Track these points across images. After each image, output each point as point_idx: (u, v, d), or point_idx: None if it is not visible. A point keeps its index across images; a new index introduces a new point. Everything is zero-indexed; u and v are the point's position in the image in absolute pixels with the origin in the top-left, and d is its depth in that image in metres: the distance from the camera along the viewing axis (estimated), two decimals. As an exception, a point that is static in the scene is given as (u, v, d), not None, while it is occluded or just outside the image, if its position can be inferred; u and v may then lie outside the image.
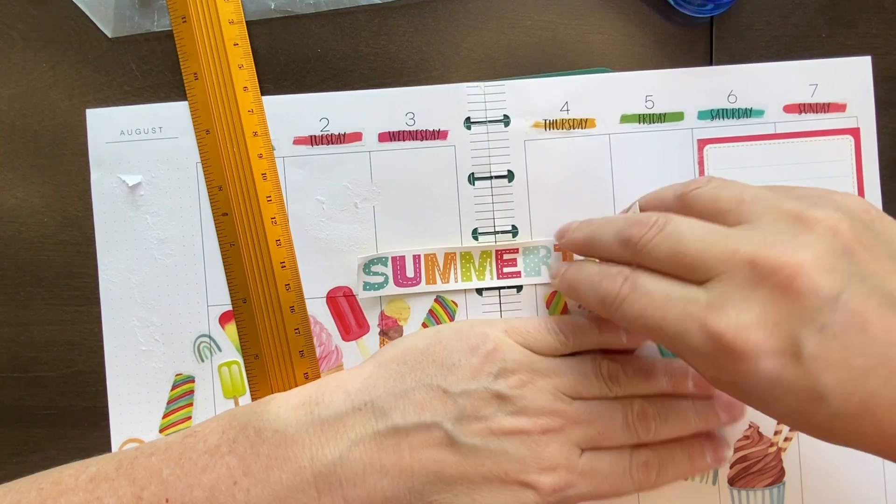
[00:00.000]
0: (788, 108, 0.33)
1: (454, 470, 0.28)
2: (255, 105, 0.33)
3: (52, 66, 0.34)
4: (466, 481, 0.28)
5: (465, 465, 0.28)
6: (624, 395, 0.30)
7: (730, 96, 0.33)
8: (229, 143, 0.33)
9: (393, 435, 0.28)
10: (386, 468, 0.28)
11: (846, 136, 0.34)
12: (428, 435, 0.28)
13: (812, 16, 0.34)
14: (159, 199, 0.34)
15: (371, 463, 0.28)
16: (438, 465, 0.28)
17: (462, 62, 0.34)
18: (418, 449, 0.28)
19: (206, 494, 0.27)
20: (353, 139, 0.33)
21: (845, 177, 0.34)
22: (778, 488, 0.33)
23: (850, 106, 0.33)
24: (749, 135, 0.33)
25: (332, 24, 0.34)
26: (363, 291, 0.33)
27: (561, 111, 0.33)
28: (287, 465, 0.27)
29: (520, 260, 0.32)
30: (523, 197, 0.33)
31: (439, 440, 0.28)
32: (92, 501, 0.26)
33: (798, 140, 0.33)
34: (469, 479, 0.28)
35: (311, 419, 0.28)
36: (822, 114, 0.33)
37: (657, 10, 0.34)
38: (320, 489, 0.27)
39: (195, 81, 0.33)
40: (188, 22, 0.33)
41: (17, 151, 0.34)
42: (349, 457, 0.28)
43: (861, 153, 0.34)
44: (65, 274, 0.34)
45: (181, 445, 0.28)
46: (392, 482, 0.28)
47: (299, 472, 0.27)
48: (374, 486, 0.27)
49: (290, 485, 0.27)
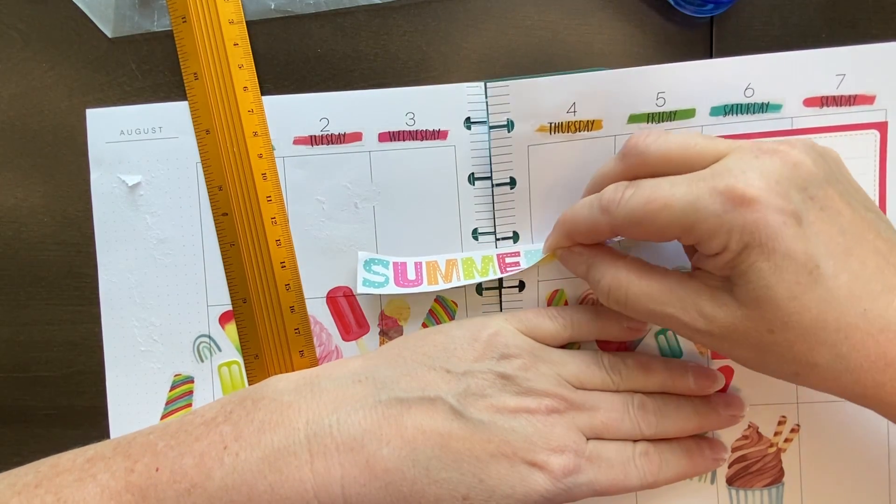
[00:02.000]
0: (809, 101, 0.31)
1: (461, 444, 0.27)
2: (255, 105, 0.33)
3: (52, 66, 0.34)
4: (473, 458, 0.27)
5: (473, 440, 0.27)
6: (625, 389, 0.30)
7: (747, 90, 0.31)
8: (229, 143, 0.33)
9: (395, 405, 0.27)
10: (387, 437, 0.27)
11: (871, 130, 0.32)
12: (432, 407, 0.27)
13: (812, 16, 0.34)
14: (159, 199, 0.34)
15: (371, 429, 0.27)
16: (444, 437, 0.27)
17: (462, 62, 0.34)
18: (422, 419, 0.27)
19: (196, 461, 0.26)
20: (353, 139, 0.33)
21: (866, 175, 0.32)
22: (777, 488, 0.33)
23: (879, 97, 0.31)
24: (764, 131, 0.32)
25: (332, 24, 0.34)
26: (362, 287, 0.32)
27: (568, 112, 0.32)
28: (280, 428, 0.27)
29: (522, 261, 0.32)
30: (525, 203, 0.33)
31: (444, 412, 0.27)
32: (86, 478, 0.26)
33: (816, 136, 0.31)
34: (476, 456, 0.27)
35: (309, 388, 0.28)
36: (846, 107, 0.31)
37: (657, 10, 0.34)
38: (314, 452, 0.26)
39: (195, 81, 0.33)
40: (188, 22, 0.33)
41: (17, 151, 0.34)
42: (347, 420, 0.27)
43: (887, 149, 0.32)
44: (65, 274, 0.34)
45: (179, 422, 0.28)
46: (393, 452, 0.26)
47: (292, 434, 0.26)
48: (374, 453, 0.26)
49: (282, 447, 0.26)
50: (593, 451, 0.28)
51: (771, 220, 0.23)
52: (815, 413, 0.33)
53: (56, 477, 0.26)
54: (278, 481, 0.26)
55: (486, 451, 0.27)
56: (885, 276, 0.23)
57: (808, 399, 0.33)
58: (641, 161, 0.26)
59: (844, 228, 0.24)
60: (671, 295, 0.26)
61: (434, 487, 0.26)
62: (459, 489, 0.26)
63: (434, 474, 0.26)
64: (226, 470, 0.26)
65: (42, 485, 0.26)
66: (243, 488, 0.26)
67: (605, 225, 0.27)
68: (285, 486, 0.26)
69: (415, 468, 0.26)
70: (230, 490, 0.26)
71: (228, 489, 0.26)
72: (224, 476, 0.26)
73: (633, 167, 0.27)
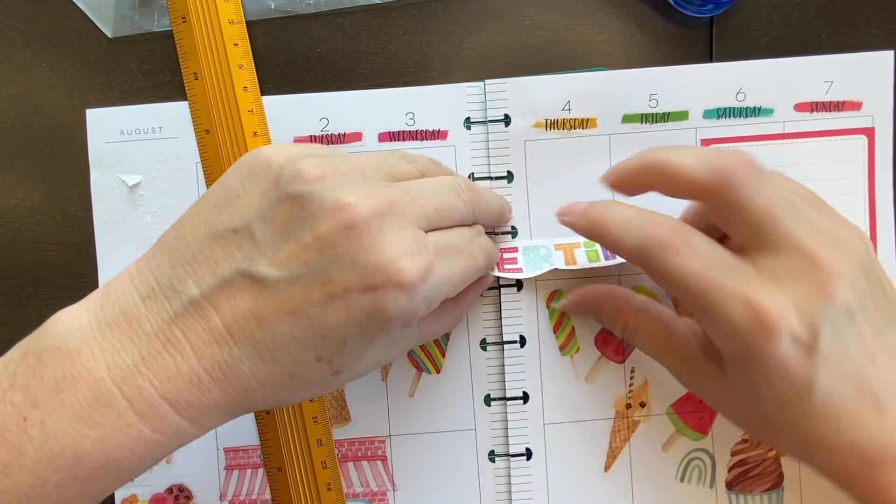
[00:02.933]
0: (799, 106, 0.33)
1: (280, 313, 0.22)
2: (255, 105, 0.33)
3: (52, 66, 0.34)
4: (304, 319, 0.23)
5: (291, 302, 0.22)
6: None
7: (738, 94, 0.33)
8: (229, 143, 0.33)
9: (193, 309, 0.23)
10: (200, 350, 0.23)
11: (859, 135, 0.33)
12: (232, 289, 0.23)
13: (812, 16, 0.34)
14: (159, 199, 0.34)
15: (179, 351, 0.23)
16: (259, 317, 0.22)
17: (462, 62, 0.34)
18: (228, 310, 0.23)
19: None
20: (353, 139, 0.33)
21: (856, 178, 0.33)
22: (777, 493, 0.33)
23: (866, 104, 0.33)
24: (756, 135, 0.33)
25: (332, 24, 0.34)
26: None
27: (563, 110, 0.33)
28: (79, 382, 0.22)
29: (520, 258, 0.32)
30: (523, 197, 0.33)
31: (247, 287, 0.23)
32: None
33: (807, 140, 0.33)
34: (306, 316, 0.23)
35: (95, 325, 0.23)
36: (835, 112, 0.33)
37: (657, 10, 0.34)
38: (130, 396, 0.22)
39: (195, 81, 0.33)
40: (188, 22, 0.33)
41: (17, 151, 0.34)
42: (150, 351, 0.23)
43: (875, 153, 0.33)
44: (65, 274, 0.34)
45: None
46: (215, 362, 0.23)
47: (97, 386, 0.22)
48: (196, 373, 0.23)
49: (91, 401, 0.22)
50: (437, 242, 0.25)
51: (782, 350, 0.23)
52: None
53: None
54: (105, 434, 0.22)
55: (313, 304, 0.22)
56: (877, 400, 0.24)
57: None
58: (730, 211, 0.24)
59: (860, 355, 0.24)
60: (669, 351, 0.28)
61: (280, 370, 0.23)
62: (307, 356, 0.23)
63: (271, 359, 0.23)
64: (37, 442, 0.22)
65: None
66: (67, 452, 0.22)
67: (632, 253, 0.25)
68: (115, 436, 0.22)
69: (249, 363, 0.23)
70: (53, 458, 0.22)
71: (50, 459, 0.22)
72: (38, 448, 0.22)
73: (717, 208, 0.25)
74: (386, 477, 0.33)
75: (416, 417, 0.33)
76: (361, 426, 0.33)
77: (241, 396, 0.23)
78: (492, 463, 0.33)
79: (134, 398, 0.22)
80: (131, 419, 0.22)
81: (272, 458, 0.33)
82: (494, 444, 0.33)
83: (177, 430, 0.23)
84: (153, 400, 0.22)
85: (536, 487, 0.33)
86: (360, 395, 0.33)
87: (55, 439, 0.22)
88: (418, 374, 0.33)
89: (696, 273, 0.23)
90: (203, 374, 0.23)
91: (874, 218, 0.33)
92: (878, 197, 0.33)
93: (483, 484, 0.33)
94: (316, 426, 0.33)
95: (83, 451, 0.22)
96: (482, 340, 0.33)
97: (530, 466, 0.33)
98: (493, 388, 0.33)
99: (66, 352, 0.23)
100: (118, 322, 0.23)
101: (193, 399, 0.23)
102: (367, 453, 0.33)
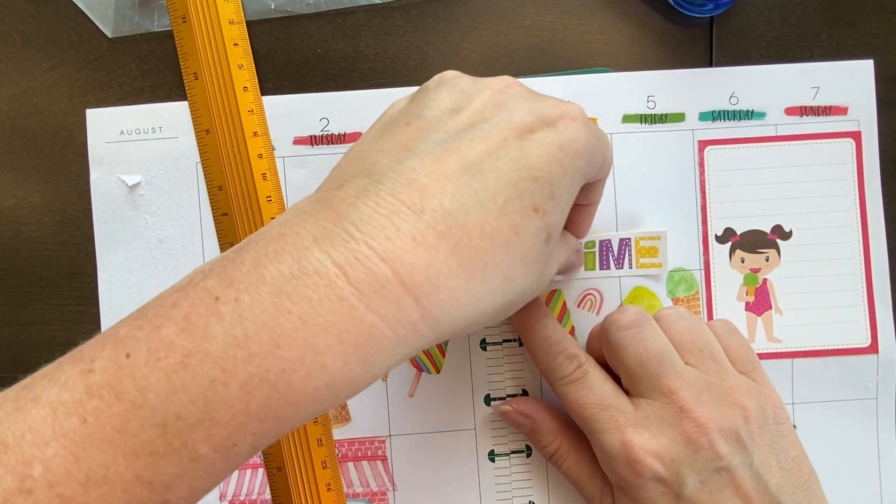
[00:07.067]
0: (790, 110, 0.34)
1: (478, 158, 0.22)
2: (255, 105, 0.33)
3: (52, 66, 0.34)
4: (511, 161, 0.22)
5: (489, 145, 0.22)
6: None
7: (731, 98, 0.33)
8: (229, 143, 0.33)
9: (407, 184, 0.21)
10: (417, 206, 0.21)
11: (847, 139, 0.34)
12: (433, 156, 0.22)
13: (812, 16, 0.34)
14: (159, 199, 0.34)
15: (395, 211, 0.20)
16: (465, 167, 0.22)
17: (462, 62, 0.34)
18: (434, 168, 0.22)
19: (181, 326, 0.19)
20: (353, 139, 0.33)
21: (845, 180, 0.34)
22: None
23: (851, 109, 0.34)
24: (750, 137, 0.33)
25: (332, 24, 0.34)
26: None
27: None
28: (283, 254, 0.20)
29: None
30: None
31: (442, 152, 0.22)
32: (25, 404, 0.19)
33: (799, 143, 0.33)
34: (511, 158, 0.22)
35: (294, 214, 0.21)
36: (823, 116, 0.34)
37: (657, 10, 0.34)
38: (342, 262, 0.19)
39: (195, 81, 0.33)
40: (188, 22, 0.33)
41: (17, 151, 0.34)
42: (361, 217, 0.20)
43: (862, 156, 0.34)
44: (65, 274, 0.34)
45: (144, 305, 0.21)
46: (434, 215, 0.21)
47: (303, 254, 0.19)
48: (418, 229, 0.20)
49: (295, 271, 0.19)
50: None
51: (649, 487, 0.27)
52: (812, 413, 0.33)
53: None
54: (309, 310, 0.19)
55: (510, 146, 0.22)
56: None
57: (804, 399, 0.33)
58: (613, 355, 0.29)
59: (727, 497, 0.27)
60: (591, 481, 0.30)
61: (504, 221, 0.22)
62: (524, 203, 0.22)
63: (494, 204, 0.21)
64: (228, 322, 0.19)
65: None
66: (263, 335, 0.19)
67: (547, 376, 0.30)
68: (323, 311, 0.19)
69: (474, 212, 0.21)
70: (245, 343, 0.18)
71: (241, 343, 0.18)
72: (228, 330, 0.19)
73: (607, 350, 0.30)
74: (386, 477, 0.33)
75: (416, 417, 0.33)
76: (361, 426, 0.33)
77: (472, 261, 0.21)
78: (492, 462, 0.33)
79: (347, 263, 0.19)
80: (343, 290, 0.19)
81: (272, 458, 0.33)
82: (494, 443, 0.33)
83: (398, 309, 0.20)
84: (370, 263, 0.19)
85: (536, 487, 0.33)
86: (360, 394, 0.33)
87: (250, 318, 0.19)
88: (418, 373, 0.33)
89: (584, 403, 0.28)
90: (426, 230, 0.20)
91: (865, 218, 0.34)
92: (867, 198, 0.34)
93: (483, 483, 0.33)
94: (316, 426, 0.33)
95: (283, 333, 0.19)
96: (482, 340, 0.33)
97: (530, 465, 0.33)
98: (493, 387, 0.33)
99: (270, 237, 0.20)
100: (324, 199, 0.21)
101: (419, 261, 0.20)
102: (367, 453, 0.33)
